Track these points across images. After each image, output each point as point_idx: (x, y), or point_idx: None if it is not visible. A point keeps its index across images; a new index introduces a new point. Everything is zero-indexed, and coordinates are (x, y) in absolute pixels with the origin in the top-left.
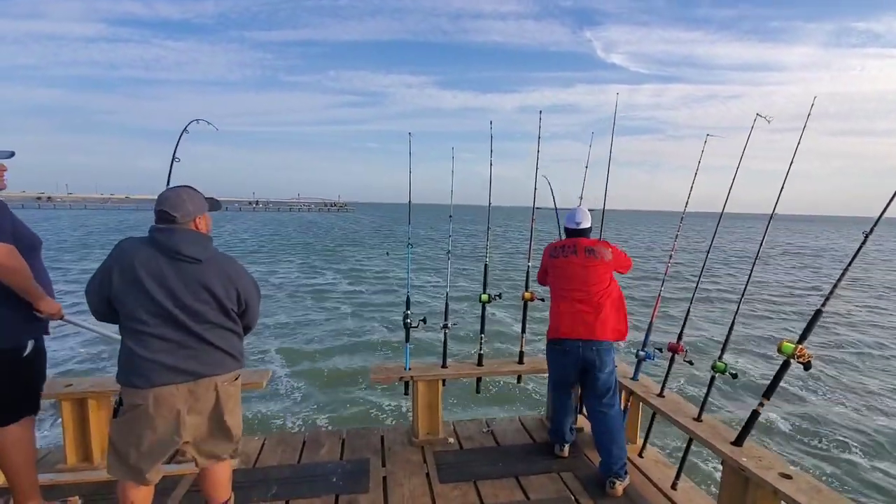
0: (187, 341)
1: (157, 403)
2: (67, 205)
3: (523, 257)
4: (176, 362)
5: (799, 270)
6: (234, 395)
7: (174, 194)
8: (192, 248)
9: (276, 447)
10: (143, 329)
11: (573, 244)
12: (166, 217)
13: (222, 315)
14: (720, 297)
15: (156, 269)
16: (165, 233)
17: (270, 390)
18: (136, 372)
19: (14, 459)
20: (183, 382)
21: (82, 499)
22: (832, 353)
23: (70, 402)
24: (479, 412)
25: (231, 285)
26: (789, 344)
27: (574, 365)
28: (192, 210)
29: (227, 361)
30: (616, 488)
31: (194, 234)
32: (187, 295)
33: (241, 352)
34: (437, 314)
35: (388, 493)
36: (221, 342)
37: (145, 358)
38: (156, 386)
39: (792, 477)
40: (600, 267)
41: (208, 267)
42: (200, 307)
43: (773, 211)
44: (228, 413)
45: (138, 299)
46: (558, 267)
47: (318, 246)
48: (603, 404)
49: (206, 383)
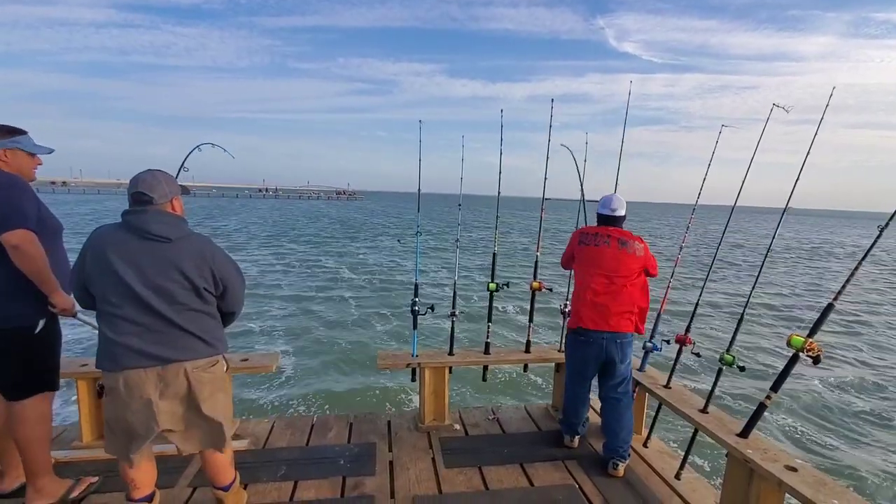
0: (156, 324)
1: (128, 387)
2: (81, 189)
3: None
4: (143, 346)
5: (820, 265)
6: (211, 382)
7: (149, 175)
8: (162, 228)
9: (285, 430)
10: (112, 311)
11: (606, 233)
12: (142, 198)
13: (194, 296)
14: (732, 291)
15: (125, 250)
16: (136, 214)
17: (279, 374)
18: (107, 355)
19: (26, 434)
20: (151, 367)
21: (98, 475)
22: (843, 344)
23: (85, 382)
24: (484, 400)
25: (205, 265)
26: (799, 337)
27: (596, 357)
28: (168, 191)
29: (198, 346)
30: (618, 469)
31: (167, 214)
32: (157, 275)
33: (217, 336)
34: (445, 304)
35: (395, 476)
36: (192, 326)
37: (114, 341)
38: (125, 369)
39: (797, 469)
40: (631, 260)
41: (179, 246)
42: (171, 287)
43: (787, 204)
44: (204, 401)
45: (108, 282)
46: (588, 255)
47: (324, 234)
48: (618, 392)
49: (174, 368)
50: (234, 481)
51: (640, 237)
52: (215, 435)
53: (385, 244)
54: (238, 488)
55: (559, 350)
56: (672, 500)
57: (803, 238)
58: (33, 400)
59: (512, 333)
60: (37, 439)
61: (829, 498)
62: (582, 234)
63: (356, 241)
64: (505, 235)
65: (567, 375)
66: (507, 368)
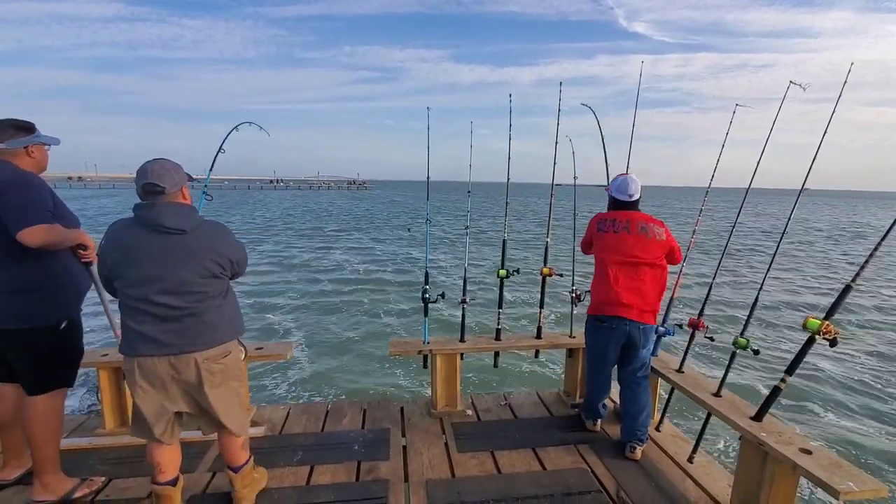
0: (172, 315)
1: (142, 372)
2: (97, 184)
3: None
4: (157, 335)
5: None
6: (221, 373)
7: (158, 166)
8: (175, 220)
9: (300, 416)
10: (131, 303)
11: (626, 219)
12: (154, 189)
13: (211, 280)
14: (747, 273)
15: (141, 244)
16: (147, 208)
17: (293, 363)
18: (126, 342)
19: (37, 429)
20: (163, 355)
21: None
22: (860, 326)
23: (107, 371)
24: (496, 386)
25: (220, 251)
26: (815, 320)
27: (617, 343)
28: (177, 180)
29: (213, 335)
30: (636, 452)
31: (178, 205)
32: (174, 267)
33: (232, 321)
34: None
35: (408, 460)
36: (208, 314)
37: (133, 329)
38: (139, 356)
39: (812, 452)
40: (653, 245)
41: (194, 237)
42: (189, 277)
43: (803, 185)
44: (213, 389)
45: (127, 275)
46: (607, 242)
47: (333, 225)
48: (637, 376)
49: (186, 358)
50: (245, 464)
51: (662, 221)
52: (223, 422)
53: (395, 234)
54: (249, 471)
55: (570, 336)
56: (685, 483)
57: (839, 220)
58: (46, 396)
59: (521, 322)
60: (47, 435)
61: (844, 480)
62: (600, 220)
63: (366, 232)
64: (520, 220)
65: (588, 361)
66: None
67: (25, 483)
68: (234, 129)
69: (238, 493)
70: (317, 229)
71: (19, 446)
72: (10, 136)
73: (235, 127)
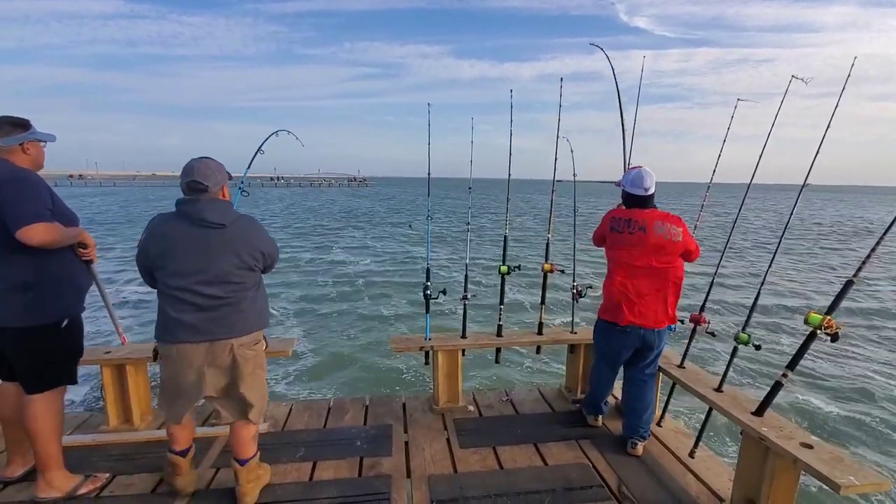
0: (210, 304)
1: (181, 356)
2: (98, 182)
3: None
4: (196, 322)
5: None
6: (253, 360)
7: (203, 165)
8: (216, 215)
9: (302, 412)
10: (170, 293)
11: (641, 219)
12: (197, 186)
13: (247, 272)
14: (749, 269)
15: (183, 237)
16: (191, 203)
17: (295, 359)
18: (165, 328)
19: (39, 428)
20: (201, 342)
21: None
22: (861, 323)
23: (109, 368)
24: (497, 382)
25: (255, 245)
26: (817, 315)
27: (631, 347)
28: (219, 179)
29: (246, 324)
30: (637, 448)
31: (218, 201)
32: (215, 259)
33: (262, 311)
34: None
35: (410, 456)
36: (243, 304)
37: (172, 317)
38: (179, 342)
39: (813, 447)
40: (669, 247)
41: (232, 231)
42: (227, 268)
43: (805, 180)
44: (246, 376)
45: (169, 266)
46: (621, 244)
47: (334, 222)
48: (645, 374)
49: (222, 344)
50: (252, 458)
51: (679, 218)
52: (249, 408)
53: (396, 231)
54: (255, 466)
55: (572, 332)
56: (686, 477)
57: (845, 216)
58: (45, 395)
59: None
60: (48, 432)
61: (845, 474)
62: (613, 218)
63: (367, 230)
64: (521, 216)
65: (597, 359)
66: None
67: (30, 480)
68: (273, 133)
69: (242, 488)
70: (317, 227)
71: (23, 444)
72: (6, 134)
73: (275, 132)
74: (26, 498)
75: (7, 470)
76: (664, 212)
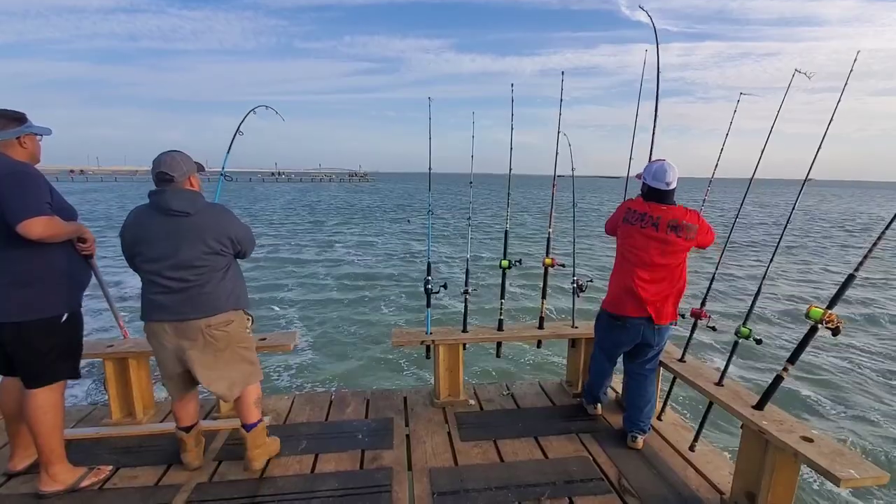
0: (178, 286)
1: (154, 335)
2: (99, 177)
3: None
4: (168, 303)
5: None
6: (224, 339)
7: (169, 157)
8: (181, 204)
9: (304, 405)
10: (146, 276)
11: (657, 215)
12: (164, 177)
13: (214, 257)
14: (750, 263)
15: (154, 225)
16: (159, 194)
17: (296, 354)
18: (143, 309)
19: (40, 422)
20: (172, 321)
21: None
22: (863, 317)
23: (112, 362)
24: (498, 377)
25: (222, 231)
26: (818, 309)
27: (632, 342)
28: (185, 170)
29: (215, 305)
30: (637, 441)
31: (185, 191)
32: (181, 245)
33: (235, 293)
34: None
35: (412, 449)
36: (211, 286)
37: (148, 298)
38: (151, 321)
39: (813, 440)
40: (682, 245)
41: (199, 219)
42: (193, 253)
43: (807, 175)
44: (218, 352)
45: (144, 252)
46: (633, 238)
47: (334, 218)
48: (646, 369)
49: (193, 324)
50: (257, 423)
51: (696, 212)
52: (229, 384)
53: (396, 226)
54: (262, 432)
55: (573, 326)
56: (686, 471)
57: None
58: (45, 389)
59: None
60: (49, 426)
61: (845, 468)
62: (629, 210)
63: (368, 225)
64: (524, 213)
65: (596, 351)
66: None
67: (34, 473)
68: (251, 111)
69: (250, 453)
70: (318, 223)
71: (26, 437)
72: (2, 127)
73: (252, 110)
74: (30, 491)
75: (10, 463)
76: (682, 208)
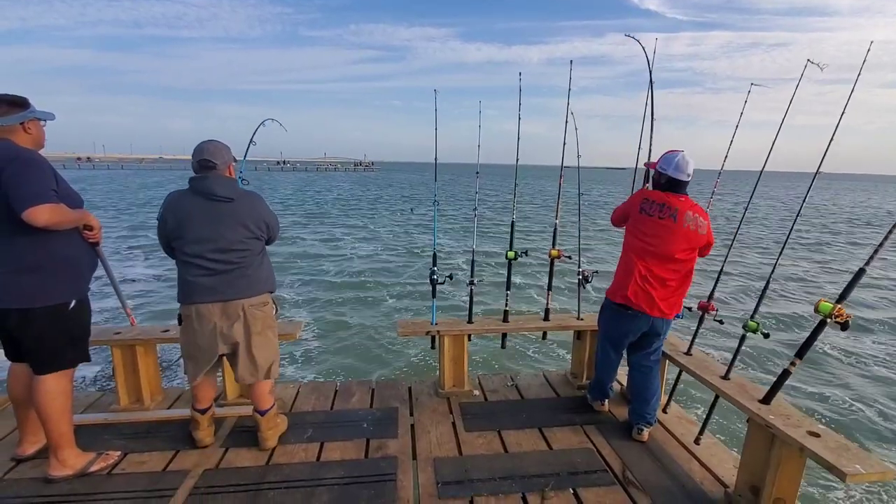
0: (221, 268)
1: (199, 316)
2: (105, 165)
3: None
4: (211, 284)
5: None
6: (262, 319)
7: (212, 146)
8: (224, 190)
9: (310, 394)
10: (187, 259)
11: (673, 206)
12: (207, 164)
13: (254, 240)
14: (759, 257)
15: (197, 210)
16: (202, 180)
17: (301, 343)
18: (184, 292)
19: (48, 408)
20: (216, 302)
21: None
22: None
23: (120, 349)
24: (502, 368)
25: (259, 217)
26: (827, 303)
27: (637, 332)
28: (227, 158)
29: (253, 287)
30: (643, 434)
31: (225, 178)
32: (224, 228)
33: (268, 276)
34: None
35: (416, 438)
36: (250, 269)
37: (189, 281)
38: (196, 303)
39: (820, 435)
40: (694, 238)
41: (239, 204)
42: (235, 237)
43: (818, 168)
44: (256, 335)
45: (185, 236)
46: (648, 228)
47: (339, 208)
48: (650, 360)
49: (234, 304)
50: (270, 408)
51: (705, 210)
52: (261, 366)
53: (401, 218)
54: (273, 416)
55: (578, 318)
56: (691, 464)
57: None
58: (53, 375)
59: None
60: (57, 412)
61: (851, 463)
62: (645, 199)
63: (372, 217)
64: (529, 205)
65: (602, 342)
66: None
67: (43, 458)
68: (261, 124)
69: (263, 434)
70: (323, 213)
71: (35, 422)
72: (5, 113)
73: (262, 123)
74: (39, 475)
75: (20, 448)
76: (694, 202)
